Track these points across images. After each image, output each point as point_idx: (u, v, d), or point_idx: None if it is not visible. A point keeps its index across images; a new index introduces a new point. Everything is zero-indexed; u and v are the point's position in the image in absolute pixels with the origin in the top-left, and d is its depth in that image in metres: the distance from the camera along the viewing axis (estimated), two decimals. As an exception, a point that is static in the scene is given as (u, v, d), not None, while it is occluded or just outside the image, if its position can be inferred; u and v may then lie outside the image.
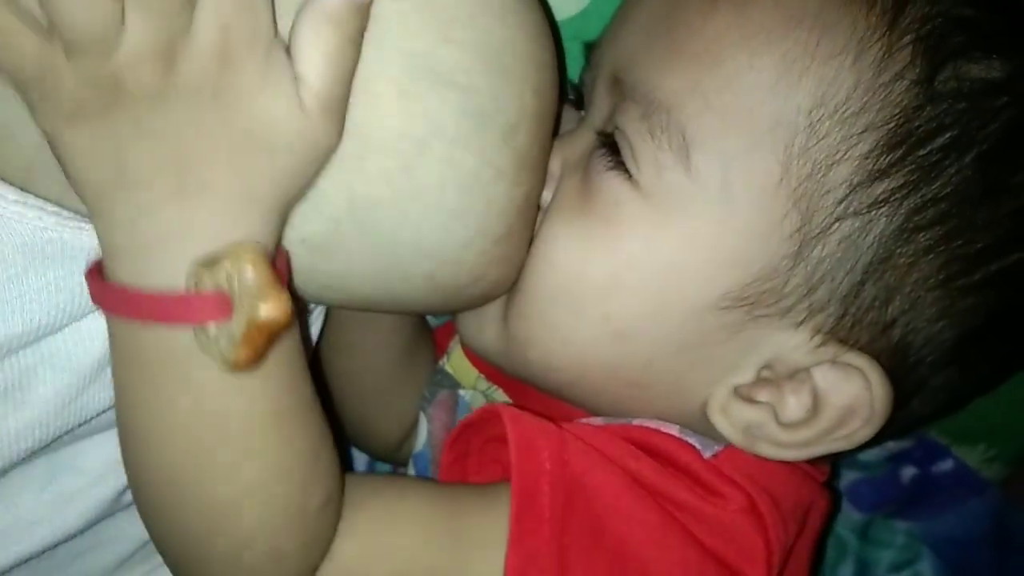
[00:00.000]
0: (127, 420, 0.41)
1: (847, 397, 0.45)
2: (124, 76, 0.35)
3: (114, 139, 0.36)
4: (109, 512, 0.49)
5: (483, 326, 0.51)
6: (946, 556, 0.68)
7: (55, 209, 0.39)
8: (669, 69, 0.46)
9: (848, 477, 0.69)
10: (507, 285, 0.48)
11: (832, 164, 0.44)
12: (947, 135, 0.44)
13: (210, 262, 0.36)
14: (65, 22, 0.33)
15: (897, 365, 0.46)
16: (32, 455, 0.44)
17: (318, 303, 0.49)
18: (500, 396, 0.56)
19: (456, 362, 0.60)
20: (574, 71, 0.54)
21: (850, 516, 0.70)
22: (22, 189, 0.39)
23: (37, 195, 0.39)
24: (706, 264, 0.45)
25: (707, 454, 0.47)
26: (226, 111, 0.36)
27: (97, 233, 0.38)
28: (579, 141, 0.50)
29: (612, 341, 0.47)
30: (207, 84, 0.36)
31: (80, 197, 0.38)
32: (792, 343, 0.46)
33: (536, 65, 0.44)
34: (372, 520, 0.45)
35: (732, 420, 0.47)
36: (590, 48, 0.53)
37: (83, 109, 0.35)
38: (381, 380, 0.62)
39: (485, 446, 0.50)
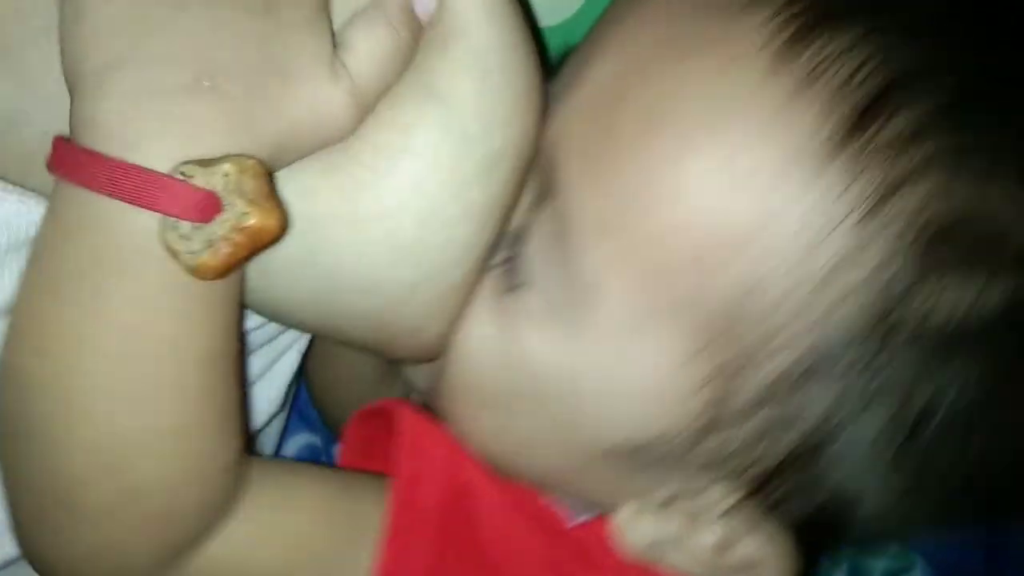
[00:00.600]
0: (30, 312, 0.37)
1: (748, 554, 0.43)
2: None
3: (144, 14, 0.35)
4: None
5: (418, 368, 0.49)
6: (939, 565, 0.67)
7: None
8: (594, 188, 0.40)
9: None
10: (438, 351, 0.44)
11: (762, 358, 0.39)
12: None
13: (207, 162, 0.35)
14: None
15: (828, 516, 0.43)
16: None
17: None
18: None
19: None
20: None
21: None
22: (19, 182, 0.40)
23: (34, 189, 0.40)
24: (599, 410, 0.42)
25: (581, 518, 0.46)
26: (270, 28, 0.36)
27: (80, 108, 0.35)
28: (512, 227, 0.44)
29: (514, 450, 0.45)
30: None
31: (74, 70, 0.36)
32: (706, 495, 0.43)
33: (531, 96, 0.41)
34: (266, 502, 0.42)
35: (638, 535, 0.45)
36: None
37: None
38: (365, 389, 0.61)
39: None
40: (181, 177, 0.34)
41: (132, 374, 0.36)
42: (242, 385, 0.41)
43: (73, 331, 0.36)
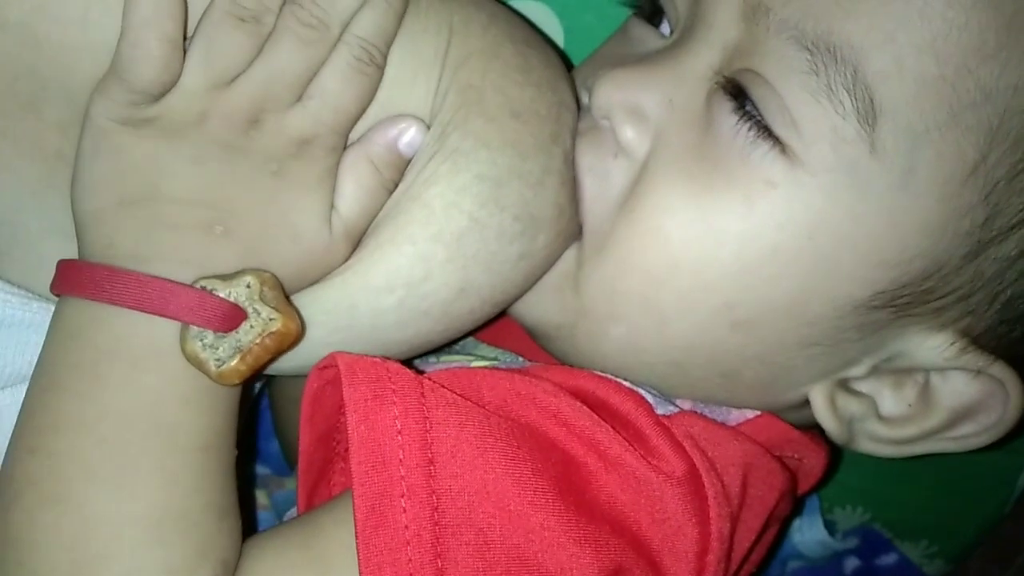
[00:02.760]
0: (30, 413, 0.37)
1: (964, 400, 0.41)
2: (212, 115, 0.38)
3: (167, 159, 0.38)
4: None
5: (543, 296, 0.44)
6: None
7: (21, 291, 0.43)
8: (853, 11, 0.37)
9: (791, 565, 0.69)
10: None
11: None
12: None
13: (226, 277, 0.37)
14: (211, 44, 0.37)
15: None
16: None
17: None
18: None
19: (447, 358, 0.51)
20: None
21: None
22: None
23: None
24: (866, 260, 0.39)
25: (660, 411, 0.42)
26: (279, 190, 0.39)
27: (94, 236, 0.38)
28: (686, 78, 0.41)
29: (728, 330, 0.41)
30: (276, 160, 0.38)
31: (88, 205, 0.38)
32: (928, 344, 0.41)
33: (448, 65, 0.42)
34: None
35: (839, 414, 0.43)
36: None
37: (157, 121, 0.37)
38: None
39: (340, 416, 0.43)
40: (204, 289, 0.37)
41: (127, 460, 0.36)
42: (242, 480, 0.41)
43: (70, 420, 0.36)
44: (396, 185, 0.41)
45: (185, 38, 0.38)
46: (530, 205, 0.41)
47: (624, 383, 0.42)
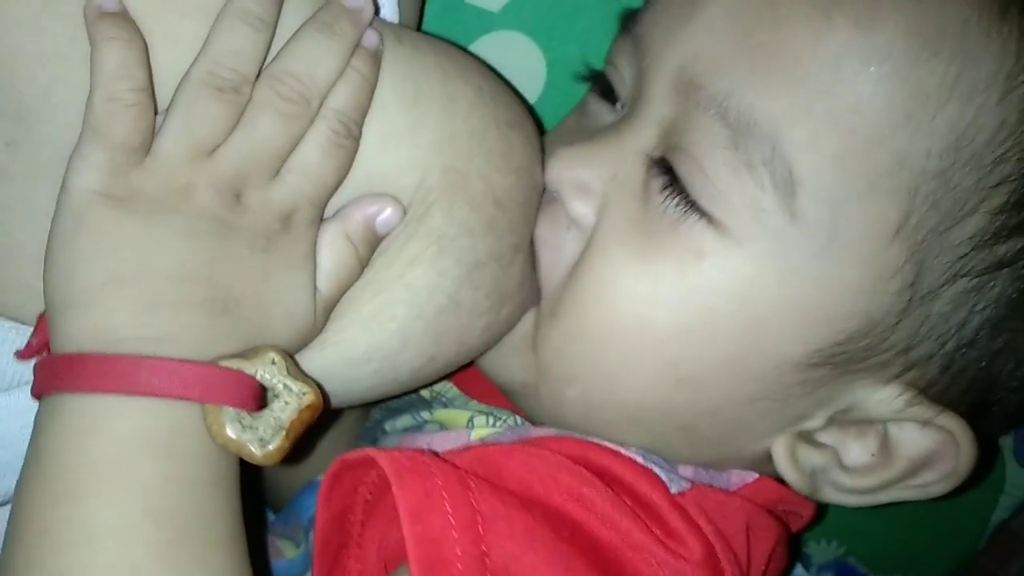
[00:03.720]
0: (68, 518, 0.34)
1: (922, 449, 0.43)
2: (199, 186, 0.36)
3: (158, 233, 0.36)
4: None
5: (507, 358, 0.47)
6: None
7: None
8: (773, 87, 0.39)
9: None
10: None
11: (960, 217, 0.39)
12: None
13: (246, 354, 0.36)
14: (190, 113, 0.36)
15: (985, 412, 0.44)
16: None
17: None
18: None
19: (442, 415, 0.52)
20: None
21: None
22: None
23: None
24: (798, 320, 0.41)
25: (674, 489, 0.43)
26: (269, 266, 0.38)
27: (76, 321, 0.35)
28: (627, 154, 0.44)
29: (674, 387, 0.43)
30: (265, 236, 0.38)
31: (66, 287, 0.36)
32: (877, 397, 0.42)
33: (436, 146, 0.42)
34: None
35: (799, 467, 0.44)
36: (627, 21, 0.47)
37: (142, 194, 0.36)
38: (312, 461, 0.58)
39: (371, 511, 0.43)
40: (232, 369, 0.35)
41: (175, 562, 0.34)
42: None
43: (108, 528, 0.34)
44: (368, 261, 0.41)
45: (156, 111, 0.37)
46: (500, 284, 0.44)
47: (637, 458, 0.43)
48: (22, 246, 0.39)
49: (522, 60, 0.56)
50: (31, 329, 0.39)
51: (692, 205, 0.41)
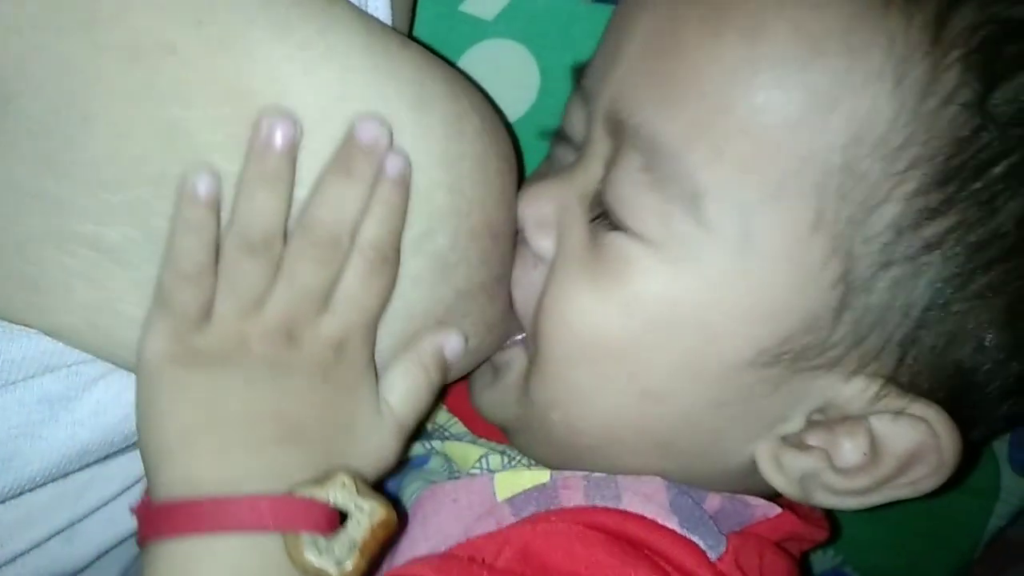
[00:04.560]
0: None
1: (908, 443, 0.43)
2: (252, 338, 0.41)
3: (223, 384, 0.40)
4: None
5: (504, 396, 0.50)
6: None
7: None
8: (672, 111, 0.42)
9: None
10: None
11: (874, 206, 0.40)
12: (1006, 163, 0.39)
13: (317, 480, 0.39)
14: (232, 278, 0.40)
15: (963, 403, 0.43)
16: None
17: None
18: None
19: (450, 448, 0.54)
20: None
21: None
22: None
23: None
24: (733, 319, 0.42)
25: (713, 556, 0.44)
26: (331, 393, 0.42)
27: (168, 472, 0.40)
28: (577, 185, 0.47)
29: (640, 401, 0.44)
30: (321, 367, 0.42)
31: (155, 442, 0.40)
32: (846, 393, 0.43)
33: (445, 162, 0.42)
34: None
35: (786, 472, 0.44)
36: (579, 73, 0.50)
37: (204, 353, 0.40)
38: None
39: None
40: (306, 497, 0.38)
41: None
42: None
43: None
44: (438, 386, 0.45)
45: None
46: (486, 315, 0.46)
47: (675, 528, 0.44)
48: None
49: (516, 68, 0.56)
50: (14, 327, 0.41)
51: (620, 223, 0.44)
